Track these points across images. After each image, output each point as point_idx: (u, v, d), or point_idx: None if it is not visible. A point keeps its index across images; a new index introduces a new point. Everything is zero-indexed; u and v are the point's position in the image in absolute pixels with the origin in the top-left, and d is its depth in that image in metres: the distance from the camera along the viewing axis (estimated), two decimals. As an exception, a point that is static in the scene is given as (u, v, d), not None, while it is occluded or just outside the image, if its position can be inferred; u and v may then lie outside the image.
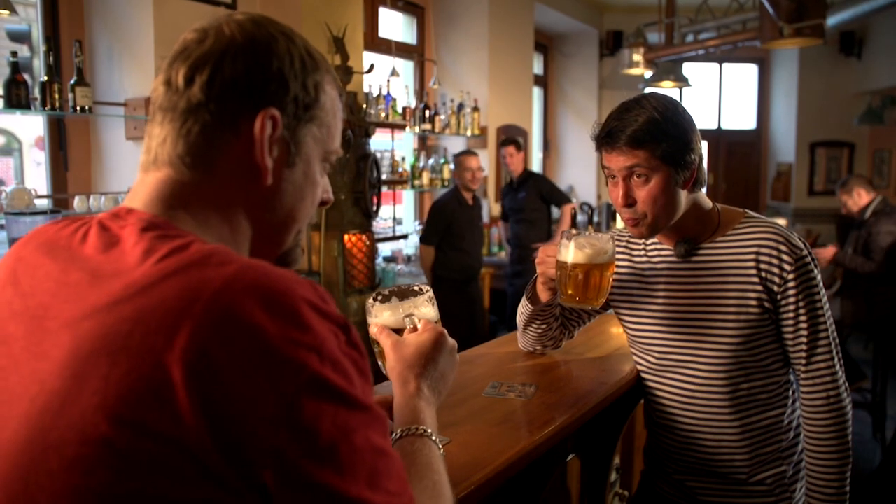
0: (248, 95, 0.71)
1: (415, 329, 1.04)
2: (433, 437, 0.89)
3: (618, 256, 1.62)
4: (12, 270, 0.72)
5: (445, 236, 4.37)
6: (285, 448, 0.58)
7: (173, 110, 0.72)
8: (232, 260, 0.63)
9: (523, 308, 1.67)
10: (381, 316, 1.11)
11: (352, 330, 0.66)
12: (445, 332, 1.03)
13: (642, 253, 1.60)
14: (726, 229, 1.50)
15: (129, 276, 0.63)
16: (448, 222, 4.38)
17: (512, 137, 5.09)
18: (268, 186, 0.74)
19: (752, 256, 1.45)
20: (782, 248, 1.43)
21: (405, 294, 1.13)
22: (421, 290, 1.13)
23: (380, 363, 1.18)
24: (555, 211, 5.09)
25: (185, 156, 0.72)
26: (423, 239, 4.42)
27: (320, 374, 0.60)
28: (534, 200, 4.88)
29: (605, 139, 1.42)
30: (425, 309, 1.10)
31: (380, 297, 1.13)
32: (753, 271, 1.44)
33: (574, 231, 1.48)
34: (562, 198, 4.97)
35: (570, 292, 1.46)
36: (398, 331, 1.06)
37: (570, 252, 1.44)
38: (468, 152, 4.59)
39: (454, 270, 4.40)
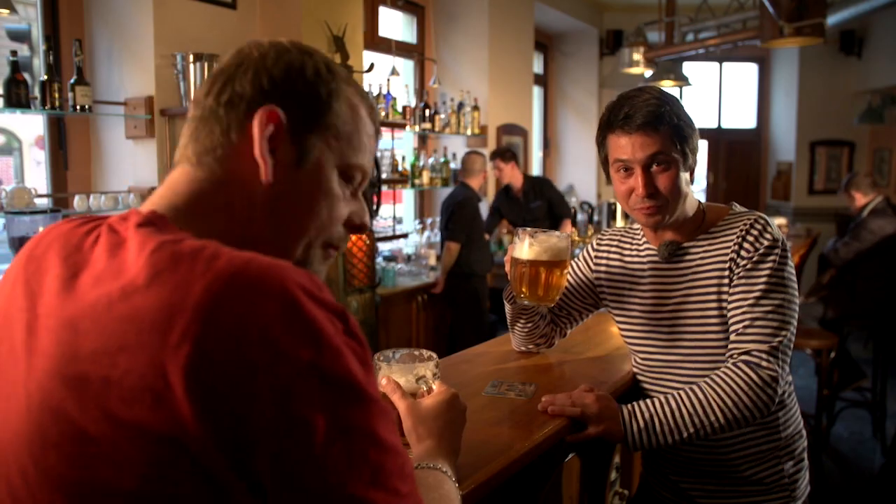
0: (253, 98, 0.74)
1: (429, 391, 1.10)
2: (452, 478, 0.92)
3: (609, 256, 1.62)
4: (24, 267, 0.73)
5: (470, 232, 4.40)
6: (281, 440, 0.57)
7: (194, 118, 0.77)
8: (222, 253, 0.63)
9: (506, 307, 1.67)
10: (390, 377, 1.15)
11: (350, 319, 0.65)
12: (458, 394, 1.09)
13: (634, 253, 1.59)
14: (709, 227, 1.48)
15: (125, 276, 0.64)
16: (473, 216, 4.43)
17: (497, 150, 5.06)
18: (270, 187, 0.74)
19: (727, 252, 1.43)
20: (750, 235, 1.41)
21: (409, 358, 1.18)
22: (423, 354, 1.18)
23: None
24: None
25: (200, 154, 0.75)
26: (453, 235, 4.38)
27: (318, 364, 0.59)
28: (545, 210, 4.97)
29: (622, 122, 1.38)
30: (434, 372, 1.15)
31: (382, 358, 1.17)
32: (727, 271, 1.43)
33: (531, 229, 1.46)
34: (565, 211, 5.05)
35: (522, 290, 1.45)
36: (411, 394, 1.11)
37: (524, 249, 1.44)
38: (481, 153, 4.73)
39: (475, 264, 4.43)
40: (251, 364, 0.57)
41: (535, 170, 7.18)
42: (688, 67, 6.65)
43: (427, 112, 5.05)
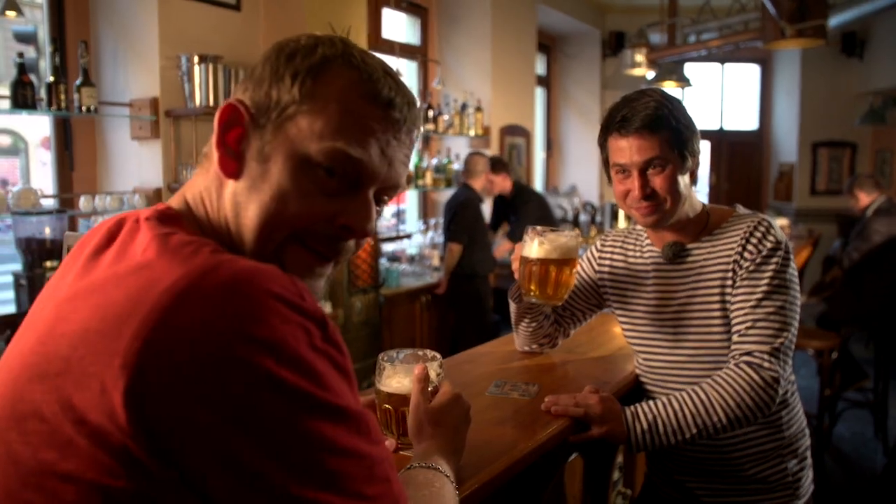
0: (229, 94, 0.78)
1: (434, 391, 1.11)
2: (448, 476, 0.91)
3: (613, 256, 1.64)
4: (74, 251, 0.75)
5: (473, 233, 4.40)
6: (229, 449, 0.56)
7: None
8: (203, 252, 0.62)
9: (511, 307, 1.68)
10: (394, 377, 1.16)
11: (329, 326, 0.63)
12: (461, 394, 1.11)
13: (638, 254, 1.60)
14: (713, 229, 1.49)
15: (118, 266, 0.65)
16: (475, 217, 4.43)
17: (489, 161, 4.85)
18: (232, 181, 0.74)
19: (731, 254, 1.44)
20: (754, 237, 1.42)
21: (413, 358, 1.19)
22: (426, 355, 1.19)
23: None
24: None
25: (204, 155, 0.79)
26: (455, 237, 4.35)
27: (275, 372, 0.57)
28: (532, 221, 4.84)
29: (620, 124, 1.40)
30: (438, 372, 1.16)
31: (386, 359, 1.18)
32: (730, 273, 1.44)
33: (540, 227, 1.48)
34: (511, 230, 4.90)
35: (531, 288, 1.47)
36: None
37: (534, 247, 1.45)
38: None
39: (478, 265, 4.43)
40: (203, 368, 0.55)
41: (538, 171, 7.18)
42: (690, 69, 6.65)
43: (430, 113, 5.06)
